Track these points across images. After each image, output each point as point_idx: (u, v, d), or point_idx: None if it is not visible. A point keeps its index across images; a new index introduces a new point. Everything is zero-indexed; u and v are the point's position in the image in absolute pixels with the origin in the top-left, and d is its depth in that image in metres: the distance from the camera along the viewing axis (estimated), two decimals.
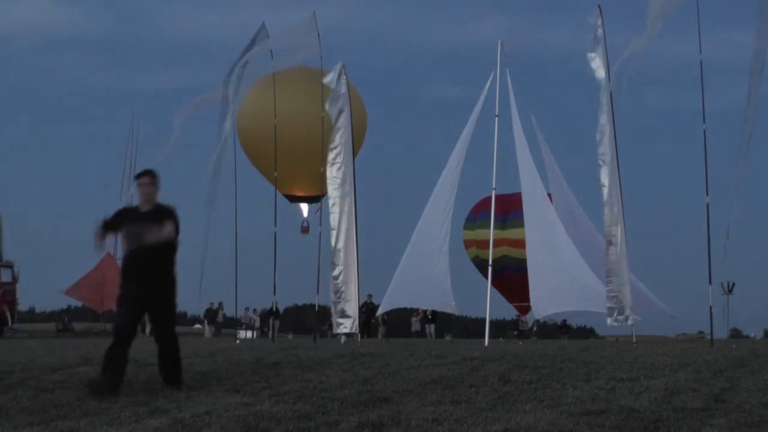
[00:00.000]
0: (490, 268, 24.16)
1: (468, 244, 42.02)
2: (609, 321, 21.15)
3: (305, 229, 31.82)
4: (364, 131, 36.18)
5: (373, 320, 35.67)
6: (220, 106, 25.27)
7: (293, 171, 29.92)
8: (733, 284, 38.66)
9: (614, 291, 20.95)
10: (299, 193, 33.02)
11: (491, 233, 23.85)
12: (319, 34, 23.86)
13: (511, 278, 34.80)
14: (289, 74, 28.57)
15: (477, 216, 40.69)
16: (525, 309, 39.41)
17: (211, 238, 24.86)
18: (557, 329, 44.64)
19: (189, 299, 42.13)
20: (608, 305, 20.91)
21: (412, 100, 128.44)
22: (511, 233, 35.27)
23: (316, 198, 29.34)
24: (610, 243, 21.22)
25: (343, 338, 22.79)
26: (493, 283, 32.39)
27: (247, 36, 24.46)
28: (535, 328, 43.47)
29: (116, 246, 31.87)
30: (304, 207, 35.01)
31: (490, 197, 23.94)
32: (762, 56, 14.02)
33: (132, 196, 32.28)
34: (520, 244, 27.36)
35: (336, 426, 6.68)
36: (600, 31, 21.63)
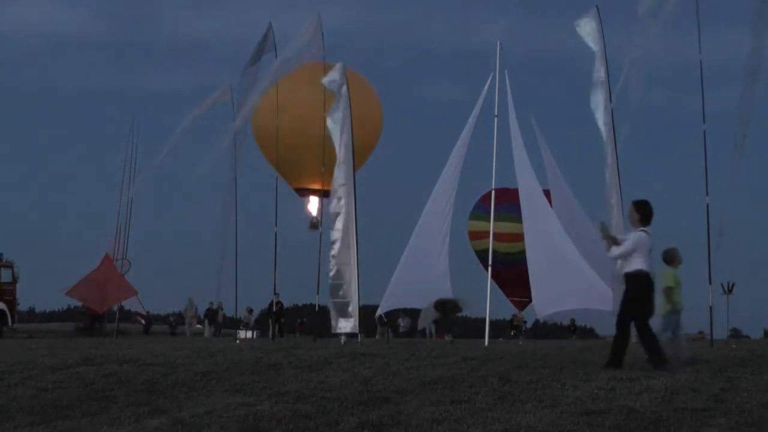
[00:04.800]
0: (490, 269, 24.16)
1: (480, 235, 40.55)
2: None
3: (315, 225, 31.51)
4: (379, 130, 36.45)
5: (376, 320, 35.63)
6: (231, 105, 25.54)
7: (307, 166, 29.89)
8: (733, 284, 38.52)
9: (617, 290, 20.95)
10: (310, 186, 32.90)
11: (491, 226, 23.96)
12: (323, 35, 23.92)
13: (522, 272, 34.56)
14: (304, 70, 28.57)
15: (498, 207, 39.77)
16: (523, 304, 39.25)
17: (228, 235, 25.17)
18: (567, 329, 44.62)
19: (198, 299, 42.34)
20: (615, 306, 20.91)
21: (412, 100, 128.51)
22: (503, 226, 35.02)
23: (326, 192, 29.30)
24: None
25: (343, 338, 22.75)
26: (504, 277, 32.34)
27: (252, 37, 24.58)
28: (524, 327, 43.39)
29: (115, 248, 31.92)
30: (314, 202, 34.96)
31: (504, 190, 24.06)
32: (758, 56, 14.05)
33: (131, 196, 32.19)
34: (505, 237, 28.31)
35: (336, 426, 6.68)
36: (599, 34, 21.57)
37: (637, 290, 10.76)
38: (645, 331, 10.85)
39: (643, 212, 10.86)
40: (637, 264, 10.69)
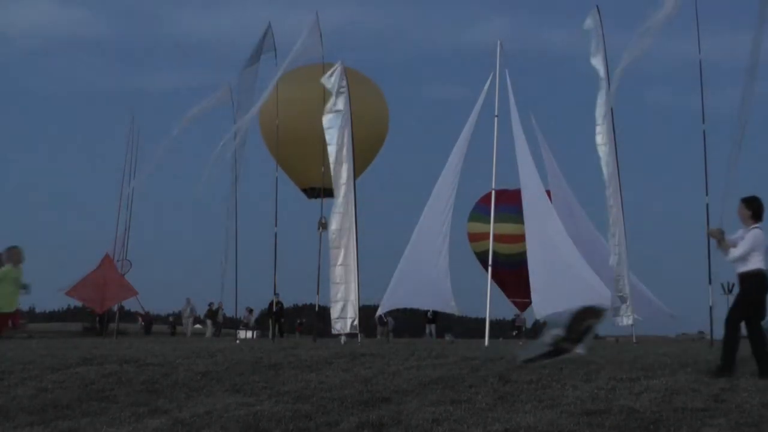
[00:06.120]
0: (490, 269, 24.17)
1: (480, 237, 40.30)
2: (616, 321, 21.18)
3: (323, 225, 31.44)
4: (385, 130, 36.49)
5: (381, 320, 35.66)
6: (231, 105, 25.57)
7: (312, 166, 29.90)
8: (734, 284, 38.49)
9: (618, 291, 20.99)
10: (316, 186, 32.90)
11: (491, 227, 24.01)
12: (321, 35, 23.92)
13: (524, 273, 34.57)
14: (307, 69, 28.50)
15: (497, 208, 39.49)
16: (525, 305, 39.22)
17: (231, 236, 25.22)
18: None
19: (198, 298, 42.44)
20: (613, 305, 20.93)
21: (413, 100, 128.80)
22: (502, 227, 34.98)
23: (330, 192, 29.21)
24: (611, 243, 21.28)
25: (343, 338, 22.77)
26: (505, 278, 32.40)
27: (252, 37, 24.63)
28: (524, 328, 43.35)
29: (115, 247, 31.89)
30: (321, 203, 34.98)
31: (503, 191, 24.09)
32: (757, 54, 14.04)
33: (131, 197, 32.29)
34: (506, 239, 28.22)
35: (336, 426, 6.67)
36: (600, 35, 21.60)
37: (756, 291, 10.22)
38: (759, 333, 10.27)
39: (753, 208, 10.39)
40: (755, 263, 10.18)
